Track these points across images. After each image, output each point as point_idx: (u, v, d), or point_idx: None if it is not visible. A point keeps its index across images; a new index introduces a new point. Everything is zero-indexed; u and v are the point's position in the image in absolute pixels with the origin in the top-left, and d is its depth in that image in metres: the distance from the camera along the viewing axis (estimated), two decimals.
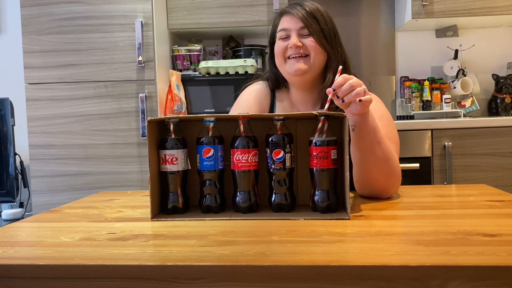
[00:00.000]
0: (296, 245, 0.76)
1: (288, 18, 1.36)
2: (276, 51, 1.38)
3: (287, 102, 1.46)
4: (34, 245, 0.84)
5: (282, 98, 1.47)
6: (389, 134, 1.22)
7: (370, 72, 3.00)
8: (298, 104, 1.44)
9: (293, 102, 1.45)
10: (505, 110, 2.81)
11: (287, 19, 1.36)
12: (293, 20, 1.34)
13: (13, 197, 2.30)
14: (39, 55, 2.40)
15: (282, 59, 1.36)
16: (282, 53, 1.36)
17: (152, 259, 0.71)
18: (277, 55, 1.38)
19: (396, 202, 1.13)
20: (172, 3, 2.65)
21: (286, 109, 1.46)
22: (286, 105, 1.46)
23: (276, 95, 1.48)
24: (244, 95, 1.49)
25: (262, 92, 1.47)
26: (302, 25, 1.33)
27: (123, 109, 2.39)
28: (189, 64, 2.73)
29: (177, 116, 1.04)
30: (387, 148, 1.13)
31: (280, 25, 1.38)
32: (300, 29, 1.33)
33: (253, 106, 1.44)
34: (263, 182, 1.04)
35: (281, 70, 1.40)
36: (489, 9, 2.58)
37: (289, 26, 1.35)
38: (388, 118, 1.30)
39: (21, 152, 2.42)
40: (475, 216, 0.95)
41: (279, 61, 1.38)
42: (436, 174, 2.35)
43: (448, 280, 0.64)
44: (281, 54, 1.36)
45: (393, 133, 1.27)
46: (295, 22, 1.34)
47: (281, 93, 1.48)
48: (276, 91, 1.49)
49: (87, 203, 1.24)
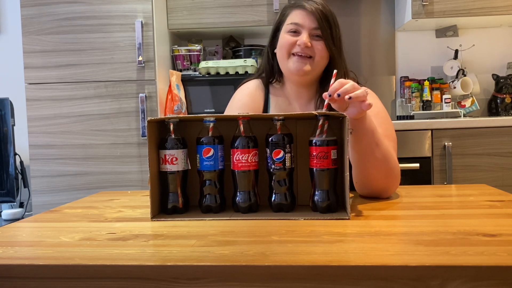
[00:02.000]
0: (296, 245, 0.76)
1: (304, 13, 1.32)
2: (282, 44, 1.34)
3: (281, 97, 1.44)
4: (34, 245, 0.84)
5: (277, 93, 1.45)
6: (386, 131, 1.22)
7: (370, 72, 3.00)
8: (293, 99, 1.42)
9: (288, 97, 1.43)
10: (505, 110, 2.81)
11: (302, 13, 1.32)
12: (308, 17, 1.31)
13: (13, 197, 2.30)
14: (39, 55, 2.40)
15: (286, 53, 1.33)
16: (288, 47, 1.32)
17: (152, 259, 0.71)
18: (281, 48, 1.35)
19: (396, 202, 1.13)
20: (172, 3, 2.65)
21: (281, 104, 1.44)
22: (280, 100, 1.44)
23: (270, 90, 1.46)
24: (238, 94, 1.48)
25: (255, 90, 1.45)
26: (316, 26, 1.30)
27: (123, 109, 2.39)
28: (189, 64, 2.73)
29: (177, 116, 1.04)
30: (386, 148, 1.13)
31: (292, 17, 1.34)
32: (313, 29, 1.31)
33: (246, 105, 1.42)
34: (263, 182, 1.04)
35: (281, 64, 1.37)
36: (489, 9, 2.58)
37: (302, 22, 1.31)
38: (384, 115, 1.29)
39: (21, 152, 2.42)
40: (475, 216, 0.95)
41: (282, 54, 1.35)
42: (436, 174, 2.35)
43: (448, 280, 0.64)
44: (286, 48, 1.33)
45: (390, 130, 1.26)
46: (310, 21, 1.31)
47: (275, 88, 1.46)
48: (270, 86, 1.46)
49: (87, 203, 1.24)
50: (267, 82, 1.46)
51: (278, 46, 1.37)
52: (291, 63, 1.33)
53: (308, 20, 1.31)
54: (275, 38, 1.39)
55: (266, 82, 1.46)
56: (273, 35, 1.40)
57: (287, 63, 1.34)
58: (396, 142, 1.27)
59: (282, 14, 1.39)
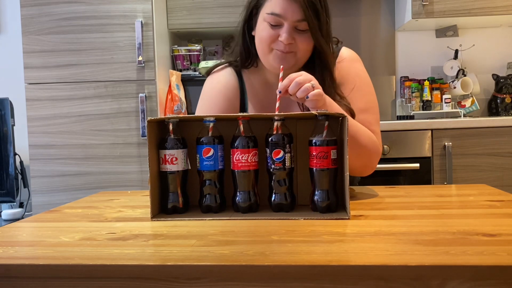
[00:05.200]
0: (296, 245, 0.76)
1: (285, 2, 1.14)
2: (261, 37, 1.19)
3: (258, 83, 1.32)
4: (34, 245, 0.84)
5: (252, 78, 1.33)
6: (367, 104, 1.23)
7: (370, 72, 2.97)
8: (272, 83, 1.29)
9: (267, 81, 1.31)
10: (505, 110, 2.81)
11: (283, 2, 1.14)
12: (290, 7, 1.13)
13: (13, 197, 2.30)
14: (39, 55, 2.40)
15: (267, 48, 1.19)
16: (268, 42, 1.18)
17: (152, 259, 0.71)
18: (261, 41, 1.20)
19: (396, 202, 1.13)
20: (172, 3, 2.65)
21: (258, 90, 1.33)
22: (257, 86, 1.33)
23: (244, 78, 1.33)
24: (208, 91, 1.34)
25: (227, 82, 1.32)
26: (300, 18, 1.14)
27: (123, 109, 2.39)
28: (189, 64, 2.73)
29: (177, 116, 1.04)
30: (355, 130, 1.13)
31: (271, 5, 1.16)
32: (296, 21, 1.15)
33: (219, 103, 1.30)
34: (263, 182, 1.04)
35: (260, 56, 1.24)
36: (489, 9, 2.58)
37: (284, 14, 1.14)
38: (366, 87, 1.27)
39: (21, 152, 2.42)
40: (475, 216, 0.95)
41: (262, 49, 1.21)
42: (436, 174, 2.35)
43: (448, 280, 0.64)
44: (267, 43, 1.18)
45: (372, 102, 1.25)
46: (293, 11, 1.13)
47: (250, 73, 1.32)
48: (243, 72, 1.32)
49: (87, 203, 1.24)
50: (240, 68, 1.32)
51: (257, 37, 1.22)
52: (272, 59, 1.20)
53: (291, 10, 1.13)
54: (251, 19, 1.24)
55: (239, 68, 1.32)
56: (249, 16, 1.24)
57: (267, 57, 1.21)
58: (377, 114, 1.27)
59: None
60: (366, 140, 1.17)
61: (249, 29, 1.26)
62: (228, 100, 1.31)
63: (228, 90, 1.32)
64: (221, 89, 1.32)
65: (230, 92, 1.32)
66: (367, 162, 1.20)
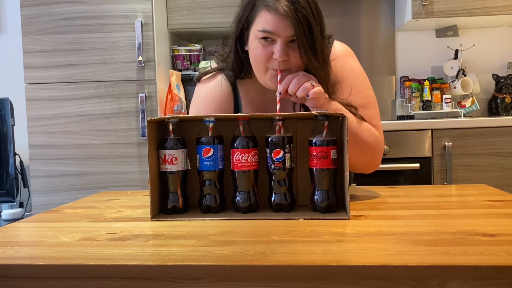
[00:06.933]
0: (296, 245, 0.76)
1: (276, 18, 1.09)
2: (255, 56, 1.15)
3: (254, 91, 1.29)
4: (34, 245, 0.84)
5: (246, 85, 1.29)
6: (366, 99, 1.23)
7: (370, 72, 2.98)
8: (268, 91, 1.23)
9: (262, 89, 1.25)
10: (505, 110, 2.81)
11: (274, 18, 1.09)
12: (282, 23, 1.09)
13: (13, 197, 2.30)
14: (39, 55, 2.40)
15: (263, 68, 1.16)
16: (263, 61, 1.14)
17: (152, 259, 0.71)
18: (255, 60, 1.16)
19: (396, 202, 1.13)
20: (172, 3, 2.65)
21: (254, 99, 1.30)
22: (252, 92, 1.30)
23: (239, 87, 1.30)
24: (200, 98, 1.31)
25: (220, 92, 1.28)
26: (292, 34, 1.09)
27: (123, 109, 2.39)
28: (189, 64, 2.73)
29: (177, 116, 1.04)
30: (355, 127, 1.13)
31: (262, 21, 1.11)
32: (289, 36, 1.10)
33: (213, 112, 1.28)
34: (263, 182, 1.04)
35: (257, 77, 1.20)
36: (489, 9, 2.58)
37: (276, 30, 1.10)
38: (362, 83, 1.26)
39: (21, 152, 2.42)
40: (475, 216, 0.95)
41: (257, 68, 1.18)
42: (436, 174, 2.35)
43: (448, 280, 0.64)
44: (262, 63, 1.15)
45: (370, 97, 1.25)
46: (285, 28, 1.09)
47: (245, 82, 1.29)
48: (238, 81, 1.29)
49: (87, 203, 1.24)
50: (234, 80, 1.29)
51: (251, 56, 1.18)
52: (268, 80, 1.17)
53: (283, 27, 1.09)
54: (243, 33, 1.20)
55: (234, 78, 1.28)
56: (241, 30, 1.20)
57: (263, 77, 1.18)
58: (376, 108, 1.27)
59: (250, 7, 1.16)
60: (369, 137, 1.18)
61: (241, 43, 1.22)
62: (221, 108, 1.29)
63: (221, 98, 1.29)
64: (214, 97, 1.29)
65: (224, 100, 1.29)
66: (371, 159, 1.21)
